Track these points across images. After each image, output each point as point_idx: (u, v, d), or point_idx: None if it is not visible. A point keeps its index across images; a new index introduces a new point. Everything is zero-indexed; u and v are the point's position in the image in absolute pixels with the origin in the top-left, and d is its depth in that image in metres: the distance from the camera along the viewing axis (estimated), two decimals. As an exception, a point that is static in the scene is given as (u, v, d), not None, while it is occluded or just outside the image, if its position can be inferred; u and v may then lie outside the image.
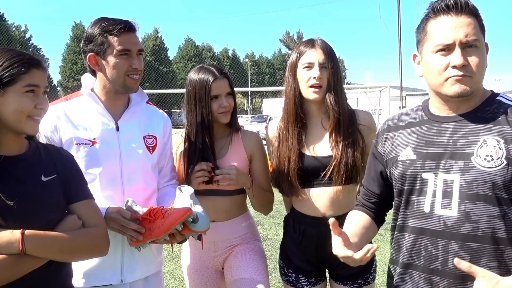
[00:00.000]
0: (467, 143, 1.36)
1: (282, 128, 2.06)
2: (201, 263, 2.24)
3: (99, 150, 1.79)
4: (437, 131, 1.44)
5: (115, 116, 1.87)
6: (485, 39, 1.41)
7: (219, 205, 2.16)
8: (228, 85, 2.13)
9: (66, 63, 48.00)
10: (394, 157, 1.53)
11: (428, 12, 1.42)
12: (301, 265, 2.08)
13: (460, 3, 1.36)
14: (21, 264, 1.29)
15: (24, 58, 1.37)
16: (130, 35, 1.78)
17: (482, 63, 1.37)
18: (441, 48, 1.37)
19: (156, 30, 52.86)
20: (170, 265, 4.70)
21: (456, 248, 1.34)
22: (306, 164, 1.98)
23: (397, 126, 1.59)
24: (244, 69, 57.45)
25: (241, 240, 2.21)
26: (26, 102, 1.35)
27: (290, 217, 2.16)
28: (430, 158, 1.42)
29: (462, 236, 1.33)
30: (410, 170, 1.46)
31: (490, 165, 1.31)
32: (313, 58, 1.96)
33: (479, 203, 1.32)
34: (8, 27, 42.29)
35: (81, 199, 1.50)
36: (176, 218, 1.65)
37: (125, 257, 1.84)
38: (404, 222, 1.49)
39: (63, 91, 44.24)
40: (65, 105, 1.85)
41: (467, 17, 1.35)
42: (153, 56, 47.97)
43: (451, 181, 1.36)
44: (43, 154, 1.48)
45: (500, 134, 1.33)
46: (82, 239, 1.42)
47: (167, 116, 2.10)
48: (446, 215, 1.36)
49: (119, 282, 1.83)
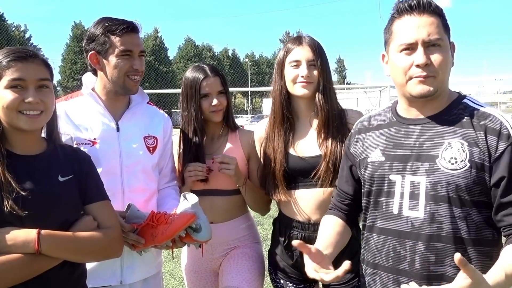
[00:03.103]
0: (433, 145, 1.38)
1: (269, 129, 2.02)
2: (199, 264, 2.23)
3: (99, 150, 1.78)
4: (404, 133, 1.47)
5: (116, 117, 1.86)
6: (450, 38, 1.43)
7: (217, 205, 2.13)
8: (219, 84, 2.10)
9: (66, 63, 48.00)
10: (364, 158, 1.55)
11: (393, 13, 1.45)
12: (288, 271, 2.03)
13: (423, 3, 1.38)
14: (36, 264, 1.30)
15: (10, 53, 1.35)
16: (132, 36, 1.77)
17: (446, 61, 1.38)
18: (404, 48, 1.39)
19: (156, 30, 52.89)
20: (169, 265, 4.70)
21: (422, 248, 1.36)
22: (292, 165, 1.93)
23: (368, 128, 1.61)
24: (244, 69, 57.48)
25: (239, 242, 2.18)
26: (10, 97, 1.33)
27: (277, 220, 2.12)
28: (397, 160, 1.44)
29: (427, 236, 1.36)
30: (378, 172, 1.48)
31: (454, 167, 1.33)
32: (300, 56, 1.90)
33: (443, 204, 1.34)
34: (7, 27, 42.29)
35: (97, 200, 1.50)
36: (179, 225, 1.64)
37: (124, 258, 1.82)
38: (373, 223, 1.51)
39: (63, 91, 44.22)
40: (65, 104, 1.85)
41: (430, 17, 1.37)
42: (153, 56, 47.94)
43: (417, 182, 1.38)
44: (60, 155, 1.47)
45: (464, 137, 1.35)
46: (98, 240, 1.42)
47: (168, 117, 2.10)
48: (413, 216, 1.38)
49: (119, 283, 1.82)
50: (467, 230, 1.34)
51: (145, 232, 1.68)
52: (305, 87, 1.90)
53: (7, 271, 1.25)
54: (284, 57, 1.95)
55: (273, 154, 1.96)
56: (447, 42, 1.40)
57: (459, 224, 1.33)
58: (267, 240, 5.63)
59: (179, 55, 57.60)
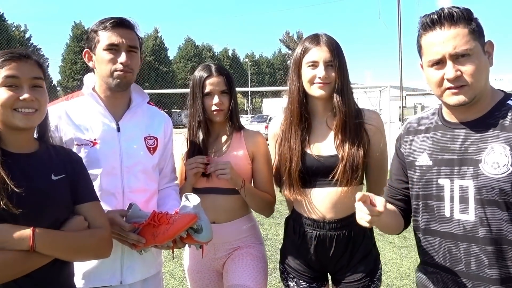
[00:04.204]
0: (477, 150, 1.41)
1: (285, 127, 2.01)
2: (202, 264, 2.23)
3: (100, 150, 1.78)
4: (450, 138, 1.49)
5: (116, 117, 1.86)
6: (483, 39, 1.42)
7: (219, 204, 2.13)
8: (224, 84, 2.10)
9: (66, 63, 47.93)
10: (412, 161, 1.60)
11: (419, 29, 1.48)
12: (301, 269, 2.02)
13: (444, 16, 1.39)
14: (30, 261, 1.31)
15: (4, 54, 1.38)
16: (120, 30, 1.76)
17: (478, 69, 1.38)
18: (434, 63, 1.42)
19: (156, 30, 52.85)
20: (170, 265, 4.70)
21: (477, 250, 1.40)
22: (309, 164, 1.92)
23: (417, 130, 1.64)
24: (244, 69, 57.41)
25: (242, 243, 2.18)
26: (4, 95, 1.35)
27: (290, 218, 2.11)
28: (444, 164, 1.48)
29: (479, 239, 1.39)
30: (427, 176, 1.52)
31: (497, 172, 1.35)
32: (318, 57, 1.87)
33: (490, 208, 1.37)
34: (7, 27, 42.22)
35: (88, 200, 1.51)
36: (181, 225, 1.64)
37: (124, 258, 1.83)
38: (426, 225, 1.55)
39: (63, 91, 44.19)
40: (66, 104, 1.85)
41: (454, 28, 1.38)
42: (153, 56, 47.93)
43: (466, 186, 1.41)
44: (53, 154, 1.49)
45: (507, 141, 1.36)
46: (89, 239, 1.44)
47: (168, 117, 2.10)
48: (464, 220, 1.42)
49: (119, 284, 1.82)
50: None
51: (146, 231, 1.69)
52: (322, 88, 1.88)
53: (1, 268, 1.25)
54: (301, 56, 1.92)
55: (289, 153, 1.95)
56: (479, 48, 1.39)
57: (506, 227, 1.36)
58: (267, 240, 5.66)
59: (179, 55, 57.54)
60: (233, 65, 53.84)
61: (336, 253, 1.93)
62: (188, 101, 2.20)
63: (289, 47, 67.57)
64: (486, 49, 1.43)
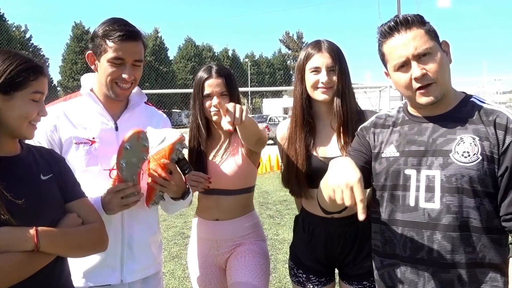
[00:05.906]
0: (446, 141, 1.48)
1: (291, 131, 2.07)
2: (205, 260, 2.25)
3: (98, 149, 1.78)
4: (417, 131, 1.56)
5: (114, 116, 1.87)
6: (439, 39, 1.51)
7: (223, 204, 2.17)
8: (223, 85, 2.11)
9: (66, 63, 48.03)
10: (378, 152, 1.64)
11: (378, 37, 1.55)
12: (311, 265, 2.07)
13: (400, 22, 1.47)
14: (34, 261, 1.31)
15: (33, 64, 1.38)
16: (128, 44, 1.74)
17: (441, 66, 1.46)
18: (399, 66, 1.49)
19: (156, 30, 52.97)
20: (170, 265, 4.69)
21: (439, 238, 1.45)
22: (314, 166, 1.97)
23: (383, 125, 1.69)
24: (244, 69, 57.51)
25: (244, 240, 2.21)
26: (32, 109, 1.37)
27: (300, 217, 2.17)
28: (412, 155, 1.53)
29: (444, 226, 1.44)
30: (393, 167, 1.56)
31: (467, 160, 1.42)
32: (320, 63, 1.94)
33: (458, 196, 1.43)
34: (8, 27, 42.29)
35: (77, 197, 1.52)
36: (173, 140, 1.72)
37: (125, 257, 1.84)
38: (390, 215, 1.58)
39: (63, 91, 44.28)
40: (64, 105, 1.85)
41: (411, 31, 1.46)
42: (153, 56, 48.01)
43: (432, 176, 1.47)
44: (36, 155, 1.49)
45: (475, 132, 1.44)
46: (87, 234, 1.46)
47: (166, 117, 2.10)
48: (430, 208, 1.47)
49: (119, 282, 1.83)
50: (480, 219, 1.42)
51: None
52: (325, 92, 1.95)
53: (8, 271, 1.25)
54: (304, 62, 2.00)
55: (295, 156, 2.01)
56: (437, 46, 1.48)
57: (473, 214, 1.42)
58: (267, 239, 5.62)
59: (179, 55, 57.64)
60: (233, 65, 53.93)
61: (344, 249, 1.99)
62: (191, 100, 2.24)
63: (289, 47, 67.71)
64: (443, 48, 1.51)
